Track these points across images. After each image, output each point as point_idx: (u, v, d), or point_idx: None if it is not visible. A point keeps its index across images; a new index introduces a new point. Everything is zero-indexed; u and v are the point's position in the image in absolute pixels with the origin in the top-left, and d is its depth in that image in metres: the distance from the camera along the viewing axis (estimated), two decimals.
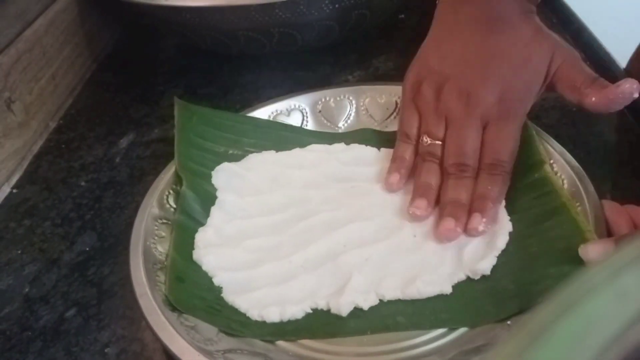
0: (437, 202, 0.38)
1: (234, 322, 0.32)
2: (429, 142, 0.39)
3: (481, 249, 0.35)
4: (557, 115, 0.47)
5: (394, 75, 0.55)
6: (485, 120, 0.39)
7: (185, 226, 0.37)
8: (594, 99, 0.36)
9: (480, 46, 0.40)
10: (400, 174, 0.40)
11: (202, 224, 0.38)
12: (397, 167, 0.40)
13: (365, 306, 0.32)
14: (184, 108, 0.45)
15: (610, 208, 0.35)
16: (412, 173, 0.40)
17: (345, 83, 0.54)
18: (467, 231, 0.36)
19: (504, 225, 0.36)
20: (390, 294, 0.33)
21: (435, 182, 0.38)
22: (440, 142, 0.39)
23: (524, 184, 0.38)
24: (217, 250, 0.36)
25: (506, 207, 0.37)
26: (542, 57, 0.39)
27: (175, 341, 0.29)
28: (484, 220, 0.35)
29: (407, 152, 0.40)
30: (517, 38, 0.39)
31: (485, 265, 0.33)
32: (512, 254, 0.35)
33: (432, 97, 0.40)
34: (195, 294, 0.33)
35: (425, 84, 0.41)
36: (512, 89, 0.39)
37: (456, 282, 0.33)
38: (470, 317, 0.32)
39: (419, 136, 0.41)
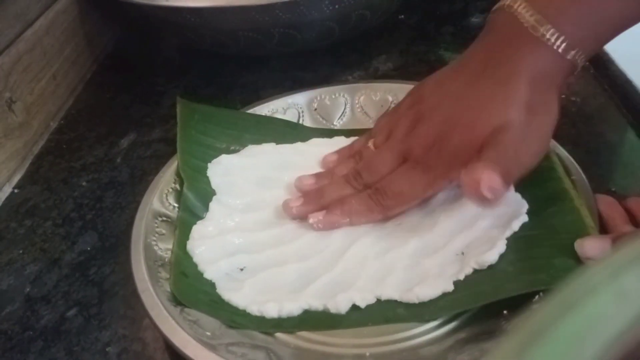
0: None
1: (237, 316, 0.32)
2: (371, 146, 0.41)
3: (494, 234, 0.35)
4: None
5: (394, 75, 0.55)
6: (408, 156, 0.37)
7: (188, 223, 0.37)
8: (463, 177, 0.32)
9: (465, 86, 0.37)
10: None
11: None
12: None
13: (363, 305, 0.33)
14: (186, 106, 0.46)
15: (604, 202, 0.35)
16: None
17: (341, 81, 0.54)
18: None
19: (520, 205, 0.36)
20: (388, 295, 0.33)
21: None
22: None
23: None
24: (210, 242, 0.36)
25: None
26: (493, 118, 0.34)
27: (178, 335, 0.29)
28: (320, 224, 0.37)
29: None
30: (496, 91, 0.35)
31: (494, 257, 0.33)
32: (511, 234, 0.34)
33: (404, 128, 0.39)
34: (199, 289, 0.34)
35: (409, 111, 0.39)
36: (449, 139, 0.35)
37: (460, 279, 0.33)
38: (468, 299, 0.32)
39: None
